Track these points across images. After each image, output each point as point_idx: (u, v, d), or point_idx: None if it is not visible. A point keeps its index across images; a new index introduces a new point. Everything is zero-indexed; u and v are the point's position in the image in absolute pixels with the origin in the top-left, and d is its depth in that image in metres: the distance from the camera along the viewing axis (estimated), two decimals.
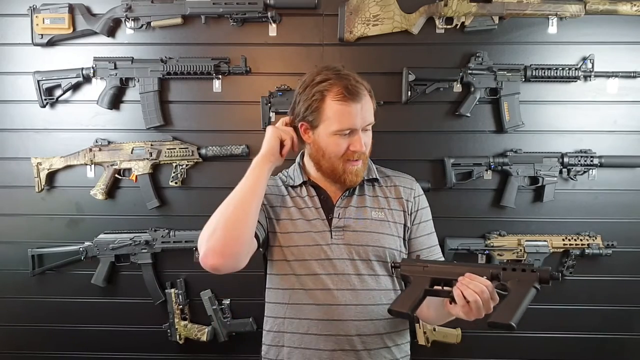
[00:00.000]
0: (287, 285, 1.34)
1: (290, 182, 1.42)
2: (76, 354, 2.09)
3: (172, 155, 1.98)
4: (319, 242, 1.32)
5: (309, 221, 1.35)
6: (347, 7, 1.93)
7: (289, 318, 1.33)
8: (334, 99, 1.27)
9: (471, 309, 1.09)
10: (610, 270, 2.00)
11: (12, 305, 2.09)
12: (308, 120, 1.32)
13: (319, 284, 1.31)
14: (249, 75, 1.97)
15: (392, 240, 1.36)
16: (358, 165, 1.33)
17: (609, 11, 1.89)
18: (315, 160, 1.36)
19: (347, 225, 1.34)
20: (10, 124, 2.04)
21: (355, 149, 1.30)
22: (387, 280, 1.34)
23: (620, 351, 2.04)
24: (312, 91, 1.29)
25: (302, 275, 1.32)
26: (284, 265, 1.34)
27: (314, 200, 1.38)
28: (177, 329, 2.02)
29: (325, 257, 1.31)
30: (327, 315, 1.29)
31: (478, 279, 1.10)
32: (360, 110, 1.28)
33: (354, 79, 1.29)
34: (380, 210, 1.38)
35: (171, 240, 1.99)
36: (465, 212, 2.01)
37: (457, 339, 2.00)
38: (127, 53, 1.98)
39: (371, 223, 1.35)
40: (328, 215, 1.35)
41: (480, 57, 1.93)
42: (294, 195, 1.40)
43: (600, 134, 1.98)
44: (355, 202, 1.38)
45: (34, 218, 2.06)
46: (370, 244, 1.33)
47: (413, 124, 1.98)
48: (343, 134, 1.29)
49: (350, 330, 1.29)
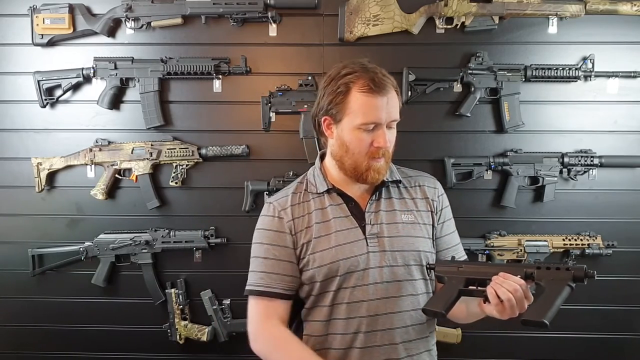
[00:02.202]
0: (326, 303, 1.28)
1: (312, 189, 1.35)
2: (76, 354, 2.09)
3: (172, 155, 1.98)
4: (355, 252, 1.27)
5: (342, 232, 1.28)
6: (347, 7, 1.93)
7: (331, 334, 1.29)
8: (360, 90, 1.22)
9: (505, 307, 1.08)
10: (610, 270, 2.00)
11: (12, 305, 2.09)
12: (332, 113, 1.26)
13: (359, 296, 1.26)
14: (249, 75, 1.98)
15: (424, 243, 1.32)
16: (381, 163, 1.27)
17: (609, 11, 1.89)
18: (338, 157, 1.29)
19: (380, 232, 1.29)
20: (10, 124, 2.05)
21: (379, 145, 1.24)
22: (421, 284, 1.31)
23: (620, 351, 2.04)
24: (338, 83, 1.24)
25: (341, 289, 1.27)
26: (320, 285, 1.28)
27: (342, 209, 1.31)
28: (177, 329, 2.02)
29: (364, 267, 1.26)
30: (370, 327, 1.26)
31: (512, 277, 1.09)
32: (386, 105, 1.23)
33: (380, 73, 1.25)
34: (409, 212, 1.34)
35: (171, 240, 2.00)
36: (465, 212, 2.00)
37: (457, 339, 1.99)
38: (127, 53, 1.98)
39: (403, 227, 1.31)
40: (360, 223, 1.29)
41: (480, 57, 1.93)
42: (319, 206, 1.32)
43: (600, 134, 1.98)
44: (385, 206, 1.32)
45: (34, 218, 2.06)
46: (405, 249, 1.29)
47: (413, 124, 1.98)
48: (367, 128, 1.23)
49: (395, 339, 1.26)
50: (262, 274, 1.29)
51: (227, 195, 2.02)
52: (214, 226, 2.01)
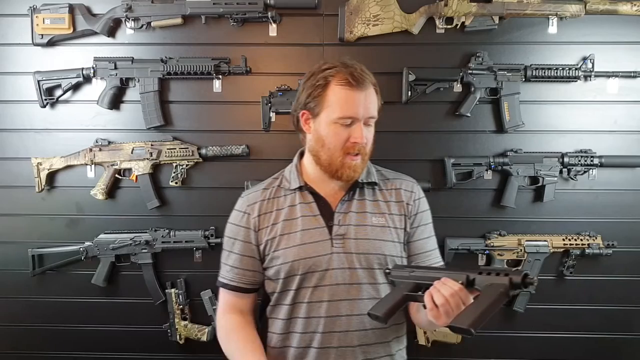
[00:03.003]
0: (287, 301, 1.30)
1: (286, 185, 1.36)
2: (76, 354, 2.09)
3: (172, 155, 1.98)
4: (318, 252, 1.27)
5: (308, 231, 1.29)
6: (347, 7, 1.93)
7: (292, 332, 1.30)
8: (338, 84, 1.24)
9: (440, 313, 1.06)
10: (610, 270, 2.00)
11: (12, 305, 2.09)
12: (310, 107, 1.27)
13: (319, 296, 1.26)
14: (249, 75, 1.97)
15: (393, 247, 1.32)
16: (357, 161, 1.27)
17: (609, 11, 1.89)
18: (314, 152, 1.30)
19: (347, 233, 1.29)
20: (10, 124, 2.04)
21: (355, 140, 1.24)
22: (386, 288, 1.30)
23: (620, 351, 2.04)
24: (317, 77, 1.26)
25: (302, 288, 1.28)
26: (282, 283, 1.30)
27: (312, 207, 1.32)
28: (177, 329, 2.02)
29: (325, 267, 1.26)
30: (328, 328, 1.27)
31: (450, 282, 1.07)
32: (364, 100, 1.25)
33: (360, 68, 1.26)
34: (381, 215, 1.33)
35: (171, 240, 2.00)
36: (465, 212, 2.01)
37: (457, 339, 1.99)
38: (127, 53, 1.98)
39: (372, 230, 1.30)
40: (328, 223, 1.30)
41: (480, 57, 1.93)
42: (290, 203, 1.33)
43: (600, 134, 1.98)
44: (356, 208, 1.32)
45: (34, 218, 2.06)
46: (371, 252, 1.28)
47: (413, 124, 1.98)
48: (344, 123, 1.24)
49: (353, 341, 1.27)
50: (228, 267, 1.35)
51: (227, 195, 2.00)
52: (214, 226, 2.00)
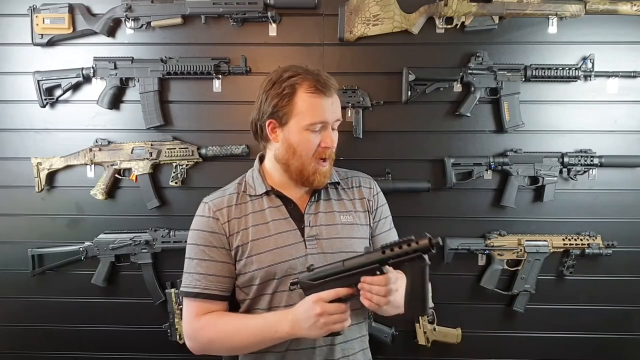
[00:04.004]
0: (263, 306, 1.29)
1: (251, 192, 1.36)
2: (76, 354, 2.09)
3: (172, 155, 1.98)
4: (294, 255, 1.28)
5: (281, 234, 1.29)
6: (347, 7, 1.93)
7: None
8: (307, 91, 1.25)
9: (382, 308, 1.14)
10: (610, 270, 2.00)
11: (12, 305, 2.09)
12: (277, 116, 1.28)
13: (296, 298, 1.24)
14: (249, 75, 1.97)
15: (362, 244, 1.33)
16: (326, 167, 1.31)
17: (609, 11, 1.89)
18: (284, 160, 1.30)
19: (319, 233, 1.31)
20: (10, 124, 2.04)
21: (326, 145, 1.28)
22: None
23: (620, 351, 2.04)
24: (282, 86, 1.26)
25: (277, 292, 1.28)
26: (257, 288, 1.29)
27: (281, 211, 1.32)
28: (177, 329, 2.01)
29: (301, 269, 1.25)
30: None
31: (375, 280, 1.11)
32: (331, 105, 1.28)
33: (324, 75, 1.29)
34: (348, 213, 1.36)
35: (171, 240, 1.99)
36: (465, 212, 2.01)
37: (457, 339, 1.99)
38: (127, 53, 1.98)
39: (342, 228, 1.33)
40: (299, 225, 1.31)
41: (480, 57, 1.93)
42: (257, 209, 1.33)
43: (600, 134, 1.98)
44: (323, 208, 1.34)
45: (34, 218, 2.06)
46: (344, 250, 1.29)
47: (413, 124, 1.98)
48: (315, 129, 1.26)
49: (334, 340, 1.28)
50: (199, 276, 1.30)
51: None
52: None
